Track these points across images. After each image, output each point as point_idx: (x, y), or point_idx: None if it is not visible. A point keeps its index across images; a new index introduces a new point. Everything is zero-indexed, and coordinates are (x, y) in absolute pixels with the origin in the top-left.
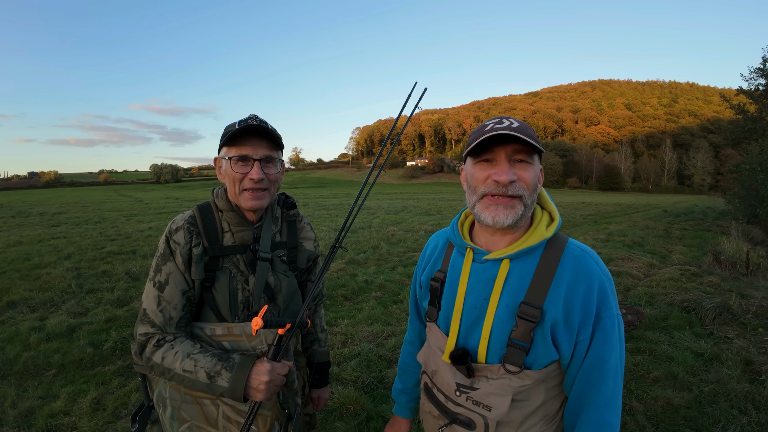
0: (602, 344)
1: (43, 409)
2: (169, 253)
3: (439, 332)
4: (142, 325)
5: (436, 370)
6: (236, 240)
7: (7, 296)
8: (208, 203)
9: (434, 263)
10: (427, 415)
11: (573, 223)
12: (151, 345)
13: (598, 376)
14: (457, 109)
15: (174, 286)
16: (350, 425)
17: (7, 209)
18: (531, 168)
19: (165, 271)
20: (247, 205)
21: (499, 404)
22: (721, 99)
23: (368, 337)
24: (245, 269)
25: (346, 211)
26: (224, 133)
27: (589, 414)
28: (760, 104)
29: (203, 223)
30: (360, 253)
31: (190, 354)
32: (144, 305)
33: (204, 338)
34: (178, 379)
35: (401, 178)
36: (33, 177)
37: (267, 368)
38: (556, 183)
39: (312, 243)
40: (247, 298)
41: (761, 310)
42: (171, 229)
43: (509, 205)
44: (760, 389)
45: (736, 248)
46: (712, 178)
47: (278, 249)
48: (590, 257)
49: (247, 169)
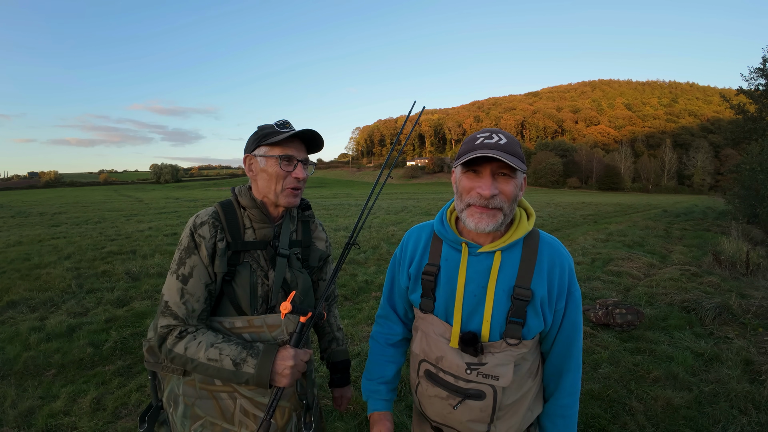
0: (574, 311)
1: (43, 409)
2: (194, 247)
3: (439, 321)
4: (164, 317)
5: (442, 356)
6: (257, 236)
7: (7, 296)
8: (229, 200)
9: (421, 257)
10: (434, 399)
11: (573, 223)
12: (173, 336)
13: (574, 334)
14: (457, 109)
15: (198, 278)
16: (350, 425)
17: (7, 209)
18: (512, 181)
19: (189, 264)
20: (286, 202)
21: (505, 372)
22: (721, 99)
23: (368, 337)
24: (265, 264)
25: (346, 211)
26: (264, 134)
27: (572, 362)
28: (760, 104)
29: (226, 218)
30: (360, 253)
31: (213, 344)
32: (166, 297)
33: (223, 331)
34: (202, 369)
35: (401, 178)
36: (33, 177)
37: (291, 353)
38: (556, 183)
39: (324, 243)
40: (266, 292)
41: (761, 310)
42: (196, 223)
43: (490, 215)
44: (760, 389)
45: (736, 248)
46: (712, 178)
47: (294, 247)
48: (560, 244)
49: (291, 168)
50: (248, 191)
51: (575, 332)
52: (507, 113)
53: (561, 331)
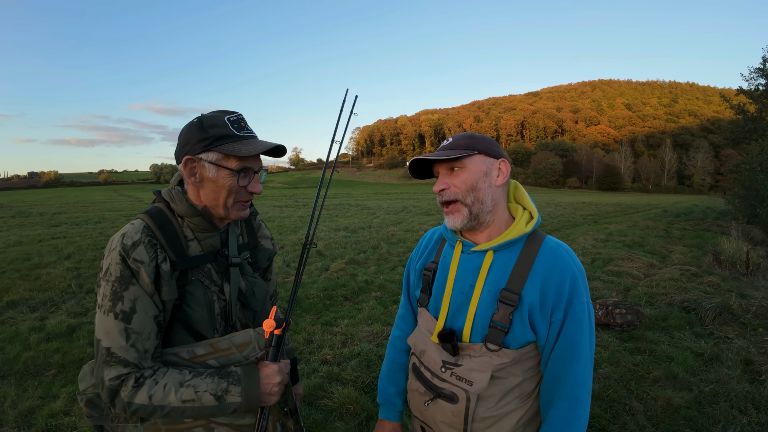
0: (574, 327)
1: (43, 409)
2: (130, 275)
3: (429, 316)
4: (110, 368)
5: (425, 350)
6: (203, 248)
7: (7, 296)
8: (157, 209)
9: (428, 255)
10: (414, 392)
11: (573, 223)
12: (129, 387)
13: (571, 355)
14: (457, 109)
15: (143, 313)
16: (350, 425)
17: (7, 209)
18: (463, 172)
19: (128, 297)
20: (237, 216)
21: (479, 379)
22: (721, 99)
23: (368, 337)
24: (218, 278)
25: (347, 211)
26: (216, 136)
27: (563, 390)
28: (760, 104)
29: (162, 232)
30: (360, 253)
31: (182, 382)
32: (105, 344)
33: (181, 364)
34: (177, 413)
35: (401, 178)
36: (33, 177)
37: (275, 369)
38: (556, 183)
39: (270, 241)
40: (223, 308)
41: (761, 310)
42: (125, 245)
43: (453, 210)
44: (760, 389)
45: (736, 248)
46: (712, 178)
47: (243, 251)
48: (565, 251)
49: (247, 181)
50: (183, 196)
51: (573, 353)
52: (507, 113)
53: (555, 349)
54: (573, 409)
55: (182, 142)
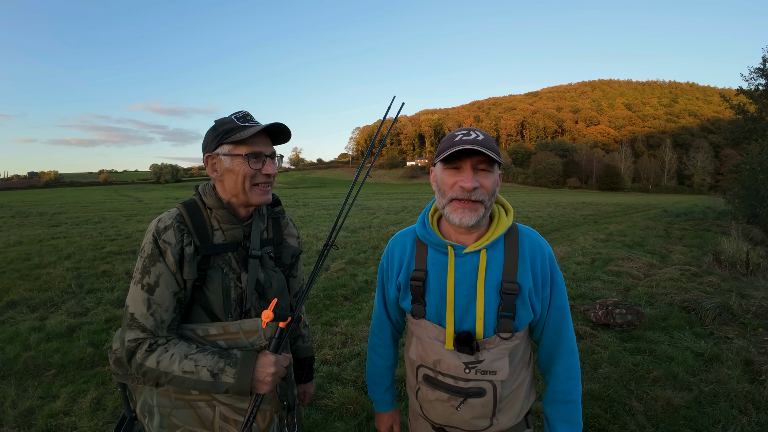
0: (559, 295)
1: (43, 409)
2: (159, 254)
3: (432, 325)
4: (131, 331)
5: (440, 359)
6: (227, 238)
7: (7, 296)
8: (193, 200)
9: (408, 264)
10: (435, 402)
11: (573, 223)
12: (143, 350)
13: (562, 318)
14: (457, 109)
15: (165, 287)
16: (350, 425)
17: (7, 209)
18: (491, 176)
19: (154, 272)
20: (258, 200)
21: (501, 366)
22: (721, 99)
23: (368, 337)
24: (237, 267)
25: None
26: (225, 130)
27: (563, 346)
28: (760, 104)
29: (192, 221)
30: (360, 253)
31: (187, 355)
32: (131, 310)
33: (196, 339)
34: (177, 382)
35: (401, 178)
36: (33, 177)
37: (272, 360)
38: (556, 183)
39: (295, 239)
40: (239, 295)
41: (761, 310)
42: (159, 228)
43: (473, 208)
44: (760, 389)
45: (736, 248)
46: (712, 178)
47: (266, 246)
48: (537, 234)
49: (260, 165)
50: (213, 191)
51: (563, 317)
52: (507, 113)
53: (549, 318)
54: (572, 358)
55: (203, 145)
